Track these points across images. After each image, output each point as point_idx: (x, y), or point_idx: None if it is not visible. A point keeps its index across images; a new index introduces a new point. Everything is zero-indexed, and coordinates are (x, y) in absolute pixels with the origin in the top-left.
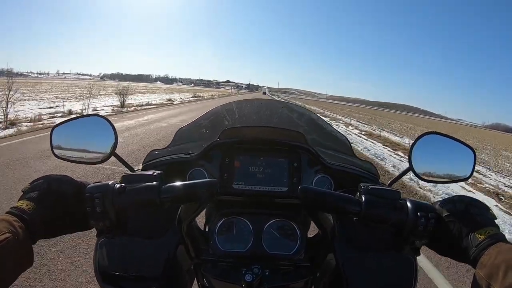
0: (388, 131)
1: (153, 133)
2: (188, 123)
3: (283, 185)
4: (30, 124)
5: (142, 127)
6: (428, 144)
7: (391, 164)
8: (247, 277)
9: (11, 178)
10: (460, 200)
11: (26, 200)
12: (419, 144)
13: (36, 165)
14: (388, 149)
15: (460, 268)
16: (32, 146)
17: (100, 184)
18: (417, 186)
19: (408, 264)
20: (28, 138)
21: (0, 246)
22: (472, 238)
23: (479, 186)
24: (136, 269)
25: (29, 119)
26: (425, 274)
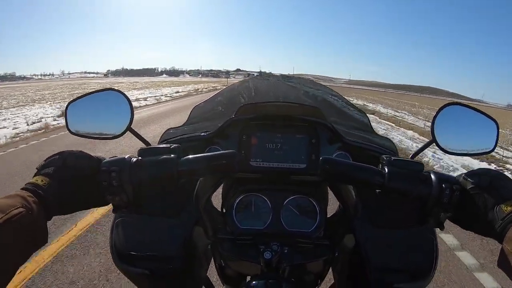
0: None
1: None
2: (204, 100)
3: (302, 161)
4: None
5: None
6: (450, 116)
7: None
8: (266, 254)
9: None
10: (485, 173)
11: (41, 175)
12: (441, 116)
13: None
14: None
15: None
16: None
17: (117, 158)
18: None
19: (429, 241)
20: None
21: (13, 221)
22: (497, 211)
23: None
24: (153, 249)
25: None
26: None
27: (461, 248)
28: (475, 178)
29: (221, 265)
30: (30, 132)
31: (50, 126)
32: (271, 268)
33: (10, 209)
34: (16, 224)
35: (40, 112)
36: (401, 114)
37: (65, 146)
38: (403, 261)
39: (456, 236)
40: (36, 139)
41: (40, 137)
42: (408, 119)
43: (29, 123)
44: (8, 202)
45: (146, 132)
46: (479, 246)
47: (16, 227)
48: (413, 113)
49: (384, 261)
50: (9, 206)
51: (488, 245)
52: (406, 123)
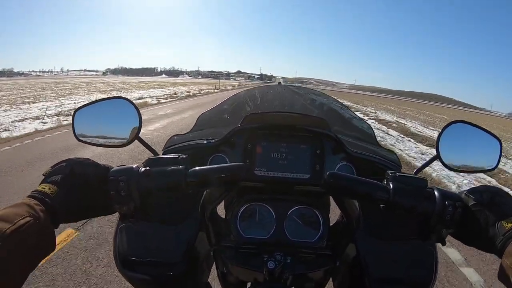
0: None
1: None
2: (210, 109)
3: (306, 172)
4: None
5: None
6: (455, 133)
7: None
8: (269, 264)
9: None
10: (486, 190)
11: (49, 183)
12: (446, 133)
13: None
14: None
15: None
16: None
17: (125, 167)
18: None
19: (429, 254)
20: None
21: (21, 230)
22: (498, 227)
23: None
24: (155, 255)
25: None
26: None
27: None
28: (477, 195)
29: (223, 271)
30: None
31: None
32: (274, 278)
33: (18, 219)
34: (24, 234)
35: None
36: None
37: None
38: (402, 274)
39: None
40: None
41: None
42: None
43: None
44: (15, 211)
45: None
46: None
47: (24, 237)
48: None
49: (384, 273)
50: (16, 216)
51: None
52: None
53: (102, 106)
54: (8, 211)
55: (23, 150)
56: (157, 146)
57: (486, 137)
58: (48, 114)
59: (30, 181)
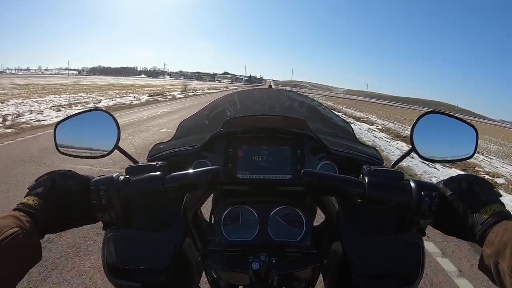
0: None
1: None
2: (191, 115)
3: (287, 172)
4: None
5: None
6: (429, 124)
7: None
8: (254, 265)
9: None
10: (464, 178)
11: (32, 196)
12: (420, 124)
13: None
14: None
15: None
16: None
17: (105, 177)
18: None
19: (415, 246)
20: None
21: (8, 240)
22: (477, 216)
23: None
24: (144, 262)
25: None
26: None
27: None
28: (454, 184)
29: (212, 277)
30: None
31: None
32: (260, 278)
33: (5, 229)
34: (12, 243)
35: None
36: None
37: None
38: (389, 266)
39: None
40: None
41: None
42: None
43: None
44: (3, 223)
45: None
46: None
47: (12, 246)
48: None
49: (371, 268)
50: (4, 226)
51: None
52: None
53: (82, 118)
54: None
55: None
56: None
57: (461, 126)
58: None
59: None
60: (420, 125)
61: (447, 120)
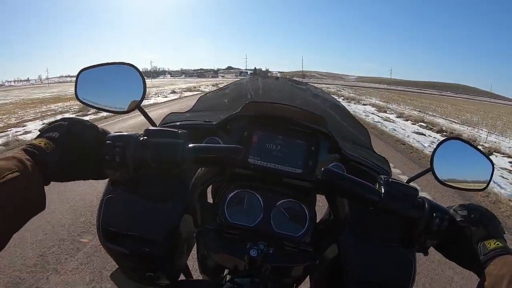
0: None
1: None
2: (211, 92)
3: (298, 166)
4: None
5: None
6: (450, 149)
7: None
8: (252, 252)
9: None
10: (475, 208)
11: (45, 138)
12: (442, 148)
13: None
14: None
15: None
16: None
17: (123, 134)
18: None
19: (408, 261)
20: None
21: (8, 185)
22: (481, 247)
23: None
24: (139, 231)
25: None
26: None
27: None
28: (466, 212)
29: (203, 255)
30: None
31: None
32: (255, 266)
33: (6, 173)
34: (11, 189)
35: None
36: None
37: None
38: (380, 278)
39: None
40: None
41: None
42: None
43: None
44: (4, 165)
45: None
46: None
47: (11, 193)
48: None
49: (362, 276)
50: (5, 170)
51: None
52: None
53: (108, 70)
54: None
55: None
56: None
57: (480, 158)
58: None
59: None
60: (443, 148)
61: (468, 148)
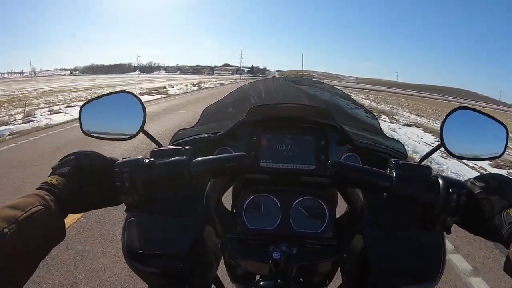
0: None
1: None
2: (215, 102)
3: (311, 163)
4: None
5: None
6: (459, 120)
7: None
8: (275, 254)
9: None
10: (492, 177)
11: (56, 175)
12: (450, 120)
13: None
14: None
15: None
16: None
17: (130, 159)
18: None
19: (436, 244)
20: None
21: (33, 218)
22: (505, 216)
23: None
24: (163, 248)
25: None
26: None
27: None
28: (483, 182)
29: (230, 264)
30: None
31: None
32: (280, 268)
33: (30, 207)
34: (36, 221)
35: None
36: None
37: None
38: (408, 264)
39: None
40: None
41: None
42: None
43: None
44: (27, 201)
45: None
46: None
47: (36, 224)
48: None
49: (390, 264)
50: (29, 204)
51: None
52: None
53: (108, 100)
54: (20, 200)
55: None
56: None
57: (492, 124)
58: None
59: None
60: (450, 120)
61: (478, 117)
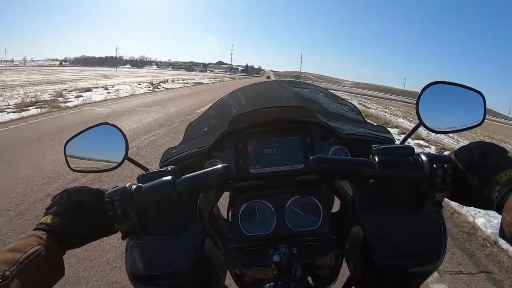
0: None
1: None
2: (198, 117)
3: (299, 162)
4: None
5: None
6: (434, 95)
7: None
8: (275, 257)
9: None
10: (477, 146)
11: (50, 215)
12: (425, 97)
13: None
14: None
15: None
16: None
17: (118, 188)
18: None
19: (435, 222)
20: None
21: (32, 258)
22: (493, 183)
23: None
24: (167, 267)
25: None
26: None
27: None
28: (467, 153)
29: (236, 274)
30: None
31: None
32: (282, 270)
33: (28, 248)
34: (35, 261)
35: None
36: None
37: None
38: (412, 246)
39: None
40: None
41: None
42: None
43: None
44: (25, 242)
45: None
46: None
47: (35, 264)
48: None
49: (393, 248)
50: (27, 245)
51: None
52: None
53: (89, 134)
54: (18, 242)
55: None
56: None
57: (467, 93)
58: None
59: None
60: (425, 97)
61: (453, 89)
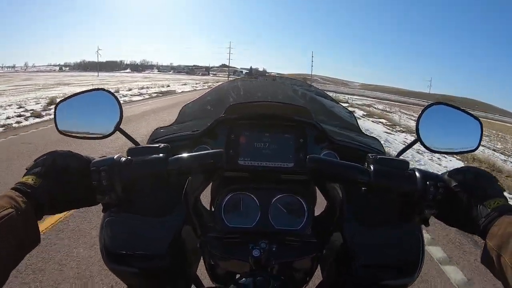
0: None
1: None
2: (193, 100)
3: (289, 160)
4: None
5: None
6: (435, 115)
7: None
8: (254, 252)
9: None
10: (469, 170)
11: (31, 175)
12: (426, 115)
13: None
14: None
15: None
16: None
17: (106, 158)
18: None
19: (415, 236)
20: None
21: (2, 222)
22: (481, 209)
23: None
24: (142, 248)
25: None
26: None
27: None
28: (459, 175)
29: (210, 263)
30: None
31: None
32: (260, 266)
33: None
34: (6, 227)
35: None
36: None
37: None
38: (389, 257)
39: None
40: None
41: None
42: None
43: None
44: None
45: None
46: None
47: (6, 229)
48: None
49: (370, 258)
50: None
51: None
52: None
53: (84, 98)
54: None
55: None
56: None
57: (467, 119)
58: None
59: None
60: (426, 116)
61: (453, 112)
